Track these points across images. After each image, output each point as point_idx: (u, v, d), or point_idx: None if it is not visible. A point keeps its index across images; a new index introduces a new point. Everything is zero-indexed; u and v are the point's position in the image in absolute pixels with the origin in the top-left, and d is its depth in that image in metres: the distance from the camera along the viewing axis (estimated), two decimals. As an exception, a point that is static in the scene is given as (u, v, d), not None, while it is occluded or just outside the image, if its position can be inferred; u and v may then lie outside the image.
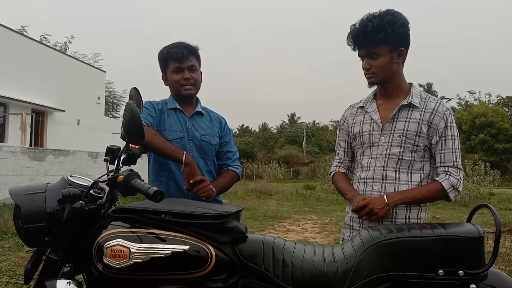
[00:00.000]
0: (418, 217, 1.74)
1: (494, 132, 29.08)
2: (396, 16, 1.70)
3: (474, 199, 12.27)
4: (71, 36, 25.41)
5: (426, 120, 1.73)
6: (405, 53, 1.76)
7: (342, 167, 1.97)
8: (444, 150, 1.73)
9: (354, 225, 1.83)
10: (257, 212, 9.25)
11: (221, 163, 2.13)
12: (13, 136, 13.64)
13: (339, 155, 1.98)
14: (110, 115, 26.39)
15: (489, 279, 1.27)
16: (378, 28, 1.66)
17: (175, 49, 2.01)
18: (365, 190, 1.79)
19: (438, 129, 1.72)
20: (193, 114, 2.10)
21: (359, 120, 1.87)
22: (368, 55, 1.73)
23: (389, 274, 1.28)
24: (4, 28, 13.82)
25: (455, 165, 1.72)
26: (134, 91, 1.79)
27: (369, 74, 1.76)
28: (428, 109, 1.74)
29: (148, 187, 1.32)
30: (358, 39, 1.72)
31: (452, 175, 1.70)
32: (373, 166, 1.78)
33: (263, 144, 38.95)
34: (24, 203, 1.38)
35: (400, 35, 1.71)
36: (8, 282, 3.68)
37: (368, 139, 1.81)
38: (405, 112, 1.76)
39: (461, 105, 43.75)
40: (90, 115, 17.70)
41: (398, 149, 1.73)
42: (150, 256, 1.28)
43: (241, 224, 1.46)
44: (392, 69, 1.75)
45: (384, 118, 1.79)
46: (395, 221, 1.72)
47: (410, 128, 1.73)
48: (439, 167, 1.74)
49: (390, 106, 1.79)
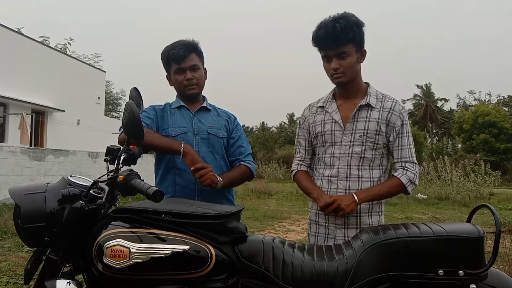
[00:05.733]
0: (379, 210, 1.88)
1: (496, 132, 29.07)
2: (357, 17, 1.79)
3: (474, 199, 12.26)
4: (70, 38, 25.38)
5: (385, 119, 1.84)
6: (365, 54, 1.86)
7: (304, 165, 2.02)
8: (401, 146, 1.85)
9: (320, 221, 1.91)
10: (257, 212, 9.24)
11: (233, 159, 2.09)
12: (13, 136, 13.64)
13: (300, 153, 2.03)
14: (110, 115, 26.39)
15: (489, 279, 1.27)
16: (345, 28, 1.73)
17: (174, 50, 2.01)
18: (330, 187, 1.87)
19: (395, 127, 1.84)
20: (198, 109, 2.09)
21: (320, 120, 1.93)
22: (337, 55, 1.79)
23: (389, 274, 1.28)
24: (4, 28, 13.82)
25: (411, 160, 1.85)
26: (134, 91, 1.79)
27: (338, 74, 1.81)
28: (386, 109, 1.85)
29: (147, 187, 1.32)
30: (327, 40, 1.77)
31: (409, 170, 1.83)
32: (337, 164, 1.85)
33: (263, 144, 38.94)
34: (24, 203, 1.38)
35: (362, 36, 1.81)
36: (8, 282, 3.68)
37: (330, 138, 1.88)
38: (364, 112, 1.85)
39: (459, 105, 43.81)
40: (90, 115, 17.70)
41: (360, 148, 1.83)
42: (150, 256, 1.28)
43: (241, 224, 1.46)
44: (357, 69, 1.85)
45: (345, 118, 1.86)
46: (359, 216, 1.83)
47: (370, 128, 1.82)
48: (397, 162, 1.87)
49: (350, 106, 1.87)
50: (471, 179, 13.05)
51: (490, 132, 29.15)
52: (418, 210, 10.33)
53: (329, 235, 1.86)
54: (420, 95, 46.82)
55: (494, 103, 38.69)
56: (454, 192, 12.69)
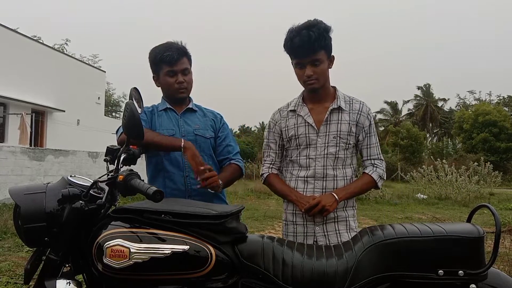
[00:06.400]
0: (353, 204, 1.99)
1: (496, 131, 29.04)
2: (325, 24, 1.85)
3: (475, 199, 12.26)
4: (66, 39, 25.29)
5: (354, 120, 1.94)
6: (334, 60, 1.93)
7: (274, 168, 2.07)
8: (369, 145, 1.98)
9: (297, 220, 1.95)
10: (257, 212, 9.25)
11: (222, 158, 2.11)
12: (13, 136, 13.64)
13: (270, 156, 2.08)
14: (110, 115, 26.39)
15: (489, 279, 1.27)
16: (319, 36, 1.80)
17: (168, 52, 1.99)
18: (306, 188, 1.93)
19: (364, 127, 1.96)
20: (184, 111, 2.09)
21: (293, 123, 1.98)
22: (311, 62, 1.85)
23: (389, 274, 1.28)
24: (4, 28, 13.82)
25: (379, 157, 1.99)
26: (134, 91, 1.79)
27: (311, 80, 1.87)
28: (354, 110, 1.95)
29: (147, 187, 1.32)
30: (303, 48, 1.82)
31: (378, 167, 1.96)
32: (313, 165, 1.92)
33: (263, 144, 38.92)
34: (24, 203, 1.38)
35: (331, 43, 1.88)
36: (8, 282, 3.67)
37: (304, 141, 1.94)
38: (336, 115, 1.93)
39: (459, 105, 43.81)
40: (90, 115, 17.70)
41: (334, 149, 1.92)
42: (150, 256, 1.28)
43: (241, 224, 1.46)
44: (328, 75, 1.94)
45: (318, 121, 1.94)
46: (335, 210, 1.89)
47: (343, 129, 1.92)
48: (366, 160, 1.99)
49: (321, 109, 1.95)
50: (473, 180, 12.98)
51: (490, 131, 29.13)
52: (418, 210, 10.34)
53: (308, 233, 1.92)
54: (421, 95, 46.83)
55: (494, 103, 38.67)
56: (454, 192, 12.69)
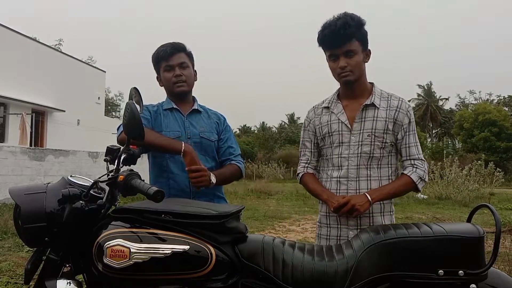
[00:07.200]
0: (391, 210, 1.88)
1: (496, 131, 29.03)
2: (357, 16, 1.80)
3: (475, 199, 12.25)
4: (60, 39, 25.33)
5: (391, 118, 1.83)
6: (370, 54, 1.86)
7: (310, 167, 2.00)
8: (408, 144, 1.85)
9: (331, 223, 1.88)
10: (257, 212, 9.24)
11: (224, 159, 2.11)
12: (13, 136, 13.65)
13: (306, 156, 2.01)
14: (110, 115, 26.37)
15: (489, 279, 1.27)
16: (350, 25, 1.74)
17: (163, 48, 2.05)
18: (339, 188, 1.85)
19: (403, 125, 1.84)
20: (190, 112, 2.10)
21: (326, 121, 1.91)
22: (344, 53, 1.79)
23: (389, 274, 1.28)
24: (3, 28, 13.82)
25: (419, 157, 1.85)
26: (134, 91, 1.78)
27: (345, 72, 1.81)
28: (392, 107, 1.85)
29: (148, 187, 1.32)
30: (332, 38, 1.78)
31: (418, 168, 1.83)
32: (346, 165, 1.84)
33: (263, 144, 38.93)
34: (24, 203, 1.38)
35: (365, 35, 1.82)
36: (8, 282, 3.68)
37: (337, 139, 1.86)
38: (371, 112, 1.84)
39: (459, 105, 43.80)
40: (90, 115, 17.71)
41: (369, 148, 1.82)
42: (150, 256, 1.28)
43: (241, 224, 1.46)
44: (363, 68, 1.85)
45: (352, 119, 1.86)
46: (372, 216, 1.82)
47: (378, 127, 1.82)
48: (406, 160, 1.86)
49: (355, 106, 1.87)
50: (474, 179, 12.95)
51: (490, 131, 29.13)
52: (418, 210, 10.33)
53: (341, 236, 1.83)
54: (422, 94, 46.85)
55: (494, 103, 38.67)
56: (455, 192, 12.68)
